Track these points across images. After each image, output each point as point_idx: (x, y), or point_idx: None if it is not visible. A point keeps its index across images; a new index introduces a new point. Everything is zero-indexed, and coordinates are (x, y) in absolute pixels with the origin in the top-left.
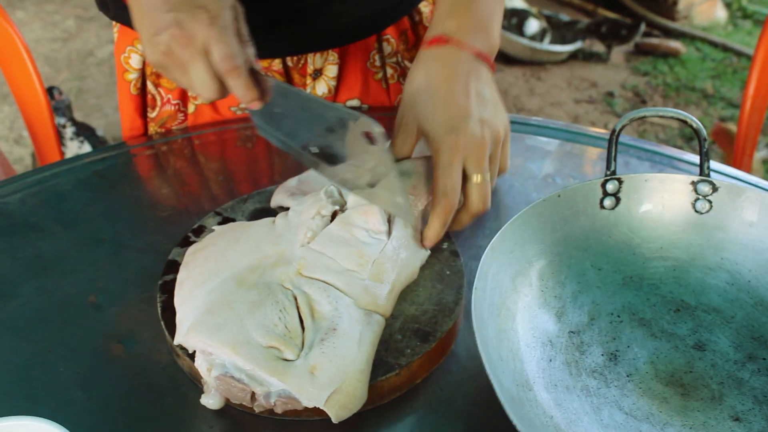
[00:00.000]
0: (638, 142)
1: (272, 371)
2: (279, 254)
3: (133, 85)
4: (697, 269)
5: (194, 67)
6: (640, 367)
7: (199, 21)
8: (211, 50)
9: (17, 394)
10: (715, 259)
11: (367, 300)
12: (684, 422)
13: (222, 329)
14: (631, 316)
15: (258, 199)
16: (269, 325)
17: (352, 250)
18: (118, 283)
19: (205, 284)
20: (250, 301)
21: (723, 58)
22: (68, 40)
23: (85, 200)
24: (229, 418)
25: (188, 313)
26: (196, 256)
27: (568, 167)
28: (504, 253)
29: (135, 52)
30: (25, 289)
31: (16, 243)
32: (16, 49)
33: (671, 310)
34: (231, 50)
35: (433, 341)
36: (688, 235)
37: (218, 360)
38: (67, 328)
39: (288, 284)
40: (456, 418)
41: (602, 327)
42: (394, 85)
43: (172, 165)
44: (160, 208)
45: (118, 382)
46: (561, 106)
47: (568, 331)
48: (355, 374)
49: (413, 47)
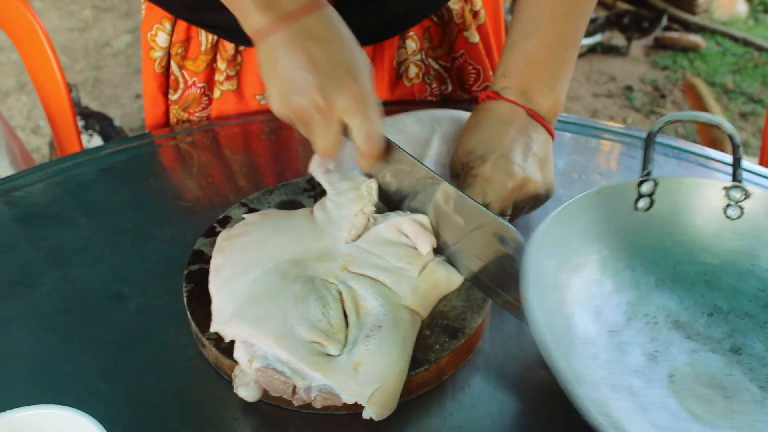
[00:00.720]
0: (666, 139)
1: (315, 366)
2: (322, 249)
3: (158, 63)
4: (729, 274)
5: (324, 134)
6: (680, 368)
7: (345, 92)
8: (352, 124)
9: (41, 384)
10: (746, 265)
11: (413, 299)
12: (732, 425)
13: (265, 321)
14: (666, 318)
15: (284, 191)
16: (312, 320)
17: (400, 250)
18: (141, 274)
19: (246, 273)
20: (293, 295)
21: (743, 52)
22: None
23: (108, 190)
24: (254, 411)
25: (228, 301)
26: (232, 242)
27: (593, 163)
28: (545, 248)
29: (162, 30)
30: (48, 279)
31: (39, 233)
32: (37, 37)
33: (705, 314)
34: (375, 131)
35: (461, 338)
36: (719, 240)
37: (260, 352)
38: (91, 319)
39: (333, 279)
40: (484, 415)
41: (639, 328)
42: (418, 85)
43: (196, 156)
44: (184, 199)
45: (142, 373)
46: (579, 100)
47: (606, 330)
48: (397, 373)
49: (438, 45)
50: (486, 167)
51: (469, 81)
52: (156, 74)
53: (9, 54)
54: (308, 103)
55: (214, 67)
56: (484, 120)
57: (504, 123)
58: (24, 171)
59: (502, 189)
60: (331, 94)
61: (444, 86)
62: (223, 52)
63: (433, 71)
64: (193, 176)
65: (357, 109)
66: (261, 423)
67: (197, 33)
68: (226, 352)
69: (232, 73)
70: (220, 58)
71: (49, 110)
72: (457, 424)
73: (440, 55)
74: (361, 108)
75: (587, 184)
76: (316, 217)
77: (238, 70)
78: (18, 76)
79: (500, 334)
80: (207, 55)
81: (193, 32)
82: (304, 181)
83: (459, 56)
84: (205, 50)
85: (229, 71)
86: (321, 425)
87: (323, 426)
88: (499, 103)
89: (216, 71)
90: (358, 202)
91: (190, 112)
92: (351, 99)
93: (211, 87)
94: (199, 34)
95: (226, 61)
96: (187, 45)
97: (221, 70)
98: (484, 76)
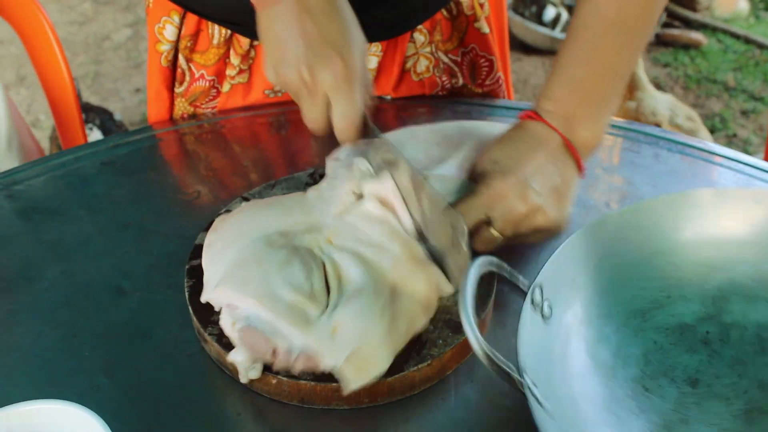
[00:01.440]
0: (668, 133)
1: (294, 323)
2: (310, 223)
3: (164, 57)
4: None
5: (310, 107)
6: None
7: (330, 69)
8: (333, 100)
9: (43, 378)
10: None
11: (396, 272)
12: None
13: (249, 282)
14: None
15: (286, 185)
16: (295, 283)
17: (384, 228)
18: (143, 268)
19: (234, 244)
20: (278, 260)
21: (745, 50)
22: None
23: (110, 184)
24: (256, 406)
25: (217, 271)
26: (225, 220)
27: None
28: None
29: (170, 23)
30: (50, 272)
31: (40, 226)
32: (42, 29)
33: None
34: (352, 111)
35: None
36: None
37: (243, 313)
38: (92, 313)
39: (317, 250)
40: (487, 410)
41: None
42: (429, 79)
43: (198, 150)
44: (186, 193)
45: (144, 368)
46: None
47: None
48: (375, 338)
49: (449, 39)
50: (503, 184)
51: (481, 75)
52: (162, 68)
53: (8, 47)
54: (296, 76)
55: (227, 62)
56: (517, 136)
57: (536, 145)
58: (24, 165)
59: (511, 211)
60: (316, 69)
61: (454, 80)
62: (237, 47)
63: (442, 64)
64: (195, 170)
65: (339, 86)
66: (263, 417)
67: (207, 26)
68: (228, 347)
69: (245, 67)
70: (234, 54)
71: (54, 103)
72: (461, 418)
73: (450, 49)
74: (343, 85)
75: (591, 179)
76: (308, 195)
77: (250, 64)
78: (17, 69)
79: (503, 329)
80: (219, 49)
81: (203, 25)
82: (306, 175)
83: (470, 50)
84: (218, 44)
85: (242, 65)
86: (323, 420)
87: (326, 421)
88: (537, 125)
89: (228, 66)
90: (349, 181)
91: (197, 105)
92: (334, 76)
93: (220, 80)
94: (209, 27)
95: (240, 56)
96: (196, 38)
97: (234, 65)
98: (497, 68)
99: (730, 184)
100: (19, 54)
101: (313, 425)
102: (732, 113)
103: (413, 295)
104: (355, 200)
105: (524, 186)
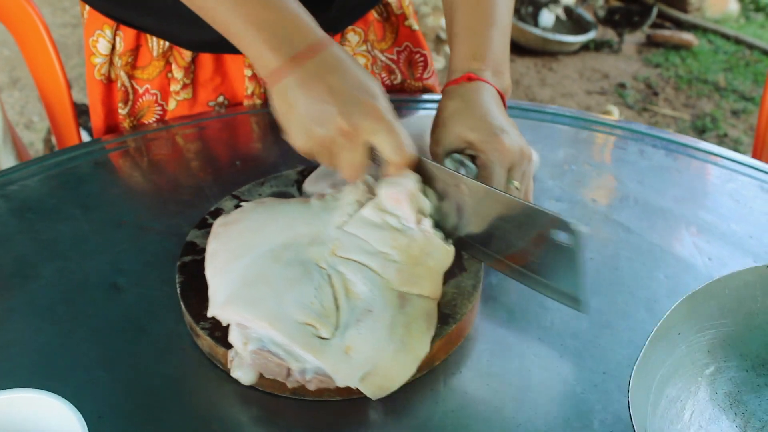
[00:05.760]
0: (653, 130)
1: (308, 348)
2: (313, 234)
3: (98, 70)
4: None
5: (351, 155)
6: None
7: (367, 113)
8: (379, 140)
9: (41, 373)
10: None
11: (399, 281)
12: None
13: (259, 303)
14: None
15: (275, 183)
16: (306, 303)
17: (384, 234)
18: (138, 266)
19: (240, 258)
20: (286, 278)
21: (735, 50)
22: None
23: (104, 184)
24: (250, 399)
25: (223, 286)
26: (228, 228)
27: (584, 154)
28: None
29: (102, 37)
30: (46, 270)
31: (36, 225)
32: (37, 31)
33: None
34: (403, 142)
35: (452, 323)
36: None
37: (255, 334)
38: (89, 310)
39: (323, 263)
40: (475, 400)
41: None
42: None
43: (191, 149)
44: (179, 192)
45: (141, 362)
46: (572, 96)
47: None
48: (390, 355)
49: (382, 39)
50: (504, 141)
51: (418, 70)
52: (96, 81)
53: (0, 49)
54: (333, 130)
55: (169, 77)
56: (474, 100)
57: (491, 102)
58: (19, 165)
59: (515, 158)
60: (353, 117)
61: (393, 76)
62: (179, 59)
63: (381, 62)
64: (188, 169)
65: (381, 126)
66: (257, 410)
67: (146, 40)
68: (220, 341)
69: (188, 81)
70: (176, 66)
71: (49, 105)
72: (449, 408)
73: (385, 48)
74: (385, 124)
75: (578, 174)
76: (312, 204)
77: (192, 78)
78: (10, 71)
79: (490, 321)
80: (160, 61)
81: (143, 40)
82: (295, 173)
83: (404, 48)
84: (158, 56)
85: (185, 79)
86: (316, 411)
87: (318, 412)
88: (478, 84)
89: (172, 81)
90: (354, 191)
91: (142, 122)
92: (373, 118)
93: (165, 96)
94: (148, 41)
95: (183, 69)
96: (137, 53)
97: (177, 79)
98: (431, 62)
99: (714, 179)
100: (11, 56)
101: (305, 416)
102: (723, 113)
103: (421, 294)
104: (357, 209)
105: (509, 136)
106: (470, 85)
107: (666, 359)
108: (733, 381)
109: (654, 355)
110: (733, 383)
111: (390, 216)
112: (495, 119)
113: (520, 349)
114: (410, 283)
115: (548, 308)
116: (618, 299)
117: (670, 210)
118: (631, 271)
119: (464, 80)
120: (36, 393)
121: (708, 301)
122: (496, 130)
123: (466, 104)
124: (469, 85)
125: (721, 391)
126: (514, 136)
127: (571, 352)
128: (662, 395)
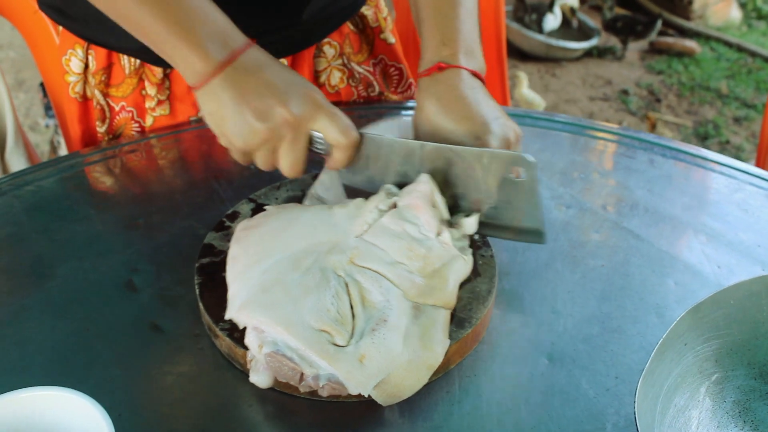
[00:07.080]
0: (662, 139)
1: (323, 354)
2: (333, 242)
3: (72, 87)
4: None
5: (292, 148)
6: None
7: (308, 102)
8: (321, 126)
9: (58, 371)
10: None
11: (415, 292)
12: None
13: (276, 308)
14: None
15: (291, 187)
16: (322, 309)
17: (402, 244)
18: (152, 266)
19: (259, 263)
20: (304, 285)
21: (737, 58)
22: None
23: (118, 185)
24: (267, 399)
25: (242, 289)
26: (249, 233)
27: (593, 163)
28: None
29: (74, 56)
30: (62, 270)
31: (52, 225)
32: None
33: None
34: (345, 123)
35: (468, 327)
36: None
37: (270, 338)
38: (105, 309)
39: (341, 272)
40: (490, 403)
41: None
42: (345, 89)
43: (203, 152)
44: (192, 194)
45: (157, 361)
46: (576, 103)
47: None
48: (403, 365)
49: (359, 52)
50: (495, 133)
51: (393, 83)
52: (71, 98)
53: (6, 51)
54: (276, 121)
55: (143, 94)
56: (452, 96)
57: (468, 89)
58: (35, 166)
59: (513, 138)
60: (294, 106)
61: (371, 88)
62: (151, 76)
63: (358, 74)
64: (201, 171)
65: (322, 112)
66: (273, 410)
67: (119, 58)
68: (240, 342)
69: (163, 98)
70: (149, 83)
71: (58, 104)
72: (465, 411)
73: (362, 60)
74: (325, 110)
75: (587, 182)
76: (335, 212)
77: (168, 94)
78: (16, 73)
79: (504, 324)
80: (132, 78)
81: (115, 58)
82: (311, 177)
83: (379, 61)
84: (130, 73)
85: (159, 96)
86: (330, 412)
87: (333, 413)
88: (452, 73)
89: (146, 98)
90: (374, 199)
91: (122, 140)
92: (313, 106)
93: (141, 113)
94: (121, 59)
95: (156, 86)
96: (110, 71)
97: (151, 96)
98: (407, 75)
99: (722, 188)
100: (17, 58)
101: (320, 416)
102: (725, 120)
103: (436, 305)
104: (378, 217)
105: (497, 123)
106: (442, 75)
107: (673, 369)
108: (741, 389)
109: (661, 366)
110: (742, 391)
111: (410, 225)
112: (478, 111)
113: (533, 353)
114: (426, 294)
115: (560, 313)
116: (628, 305)
117: (679, 218)
118: (641, 278)
119: (435, 71)
120: (61, 391)
121: (714, 311)
122: (483, 126)
123: (442, 104)
124: (441, 75)
125: (729, 400)
126: (501, 122)
127: (583, 356)
128: (670, 404)
